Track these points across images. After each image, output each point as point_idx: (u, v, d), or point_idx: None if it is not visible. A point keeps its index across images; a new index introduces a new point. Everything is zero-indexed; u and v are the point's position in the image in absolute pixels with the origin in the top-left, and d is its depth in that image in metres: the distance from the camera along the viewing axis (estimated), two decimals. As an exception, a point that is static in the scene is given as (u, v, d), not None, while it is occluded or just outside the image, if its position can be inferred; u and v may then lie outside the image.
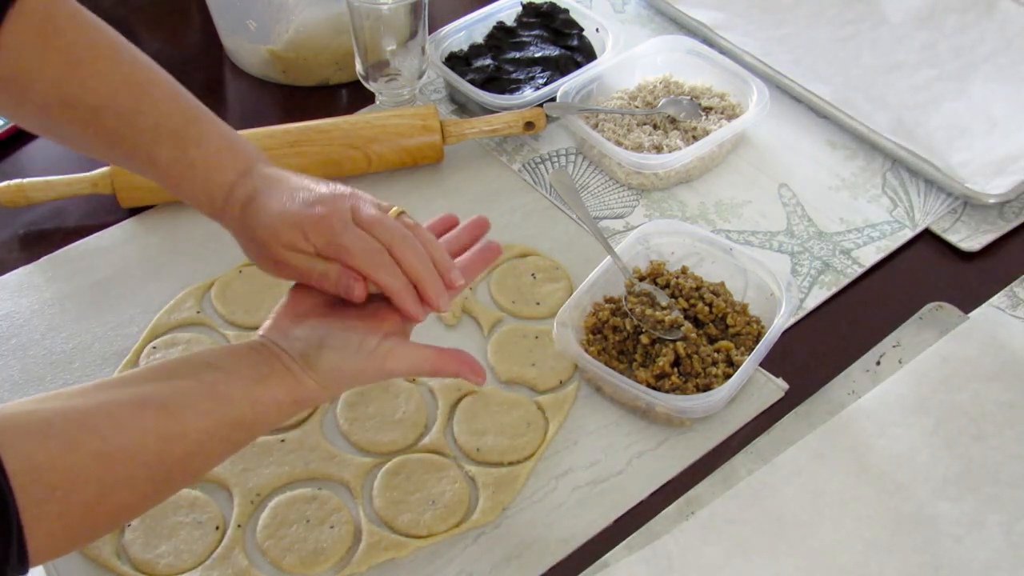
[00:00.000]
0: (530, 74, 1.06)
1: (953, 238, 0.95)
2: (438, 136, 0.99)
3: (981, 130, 1.03)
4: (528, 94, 1.03)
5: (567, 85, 1.02)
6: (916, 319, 0.88)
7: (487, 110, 1.02)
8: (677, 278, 0.86)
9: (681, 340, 0.81)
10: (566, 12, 1.12)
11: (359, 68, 1.03)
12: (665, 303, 0.84)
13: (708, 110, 1.04)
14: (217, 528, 0.74)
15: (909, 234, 0.96)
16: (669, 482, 0.77)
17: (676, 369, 0.80)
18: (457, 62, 1.08)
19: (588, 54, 1.09)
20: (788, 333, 0.85)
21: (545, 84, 1.04)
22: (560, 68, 1.06)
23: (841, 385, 0.83)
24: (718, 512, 0.75)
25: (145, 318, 0.88)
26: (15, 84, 0.67)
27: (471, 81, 1.04)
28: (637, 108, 1.04)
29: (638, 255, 0.89)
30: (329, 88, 1.11)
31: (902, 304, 0.89)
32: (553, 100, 1.01)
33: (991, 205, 0.97)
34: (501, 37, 1.11)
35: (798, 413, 0.82)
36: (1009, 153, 1.00)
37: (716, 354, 0.82)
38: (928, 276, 0.93)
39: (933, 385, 0.83)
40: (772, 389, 0.83)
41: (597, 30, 1.10)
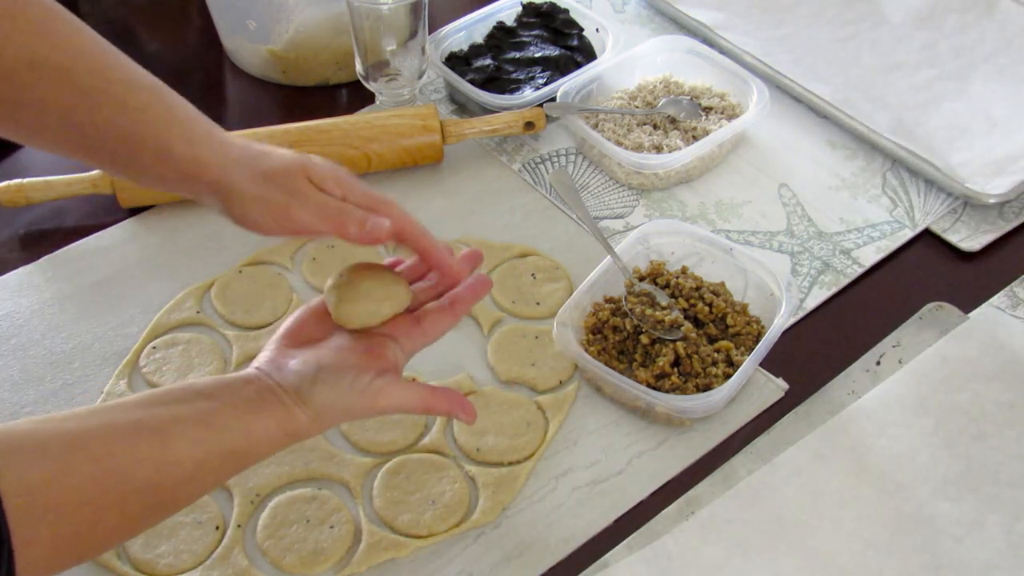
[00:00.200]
0: (530, 74, 1.06)
1: (953, 238, 0.95)
2: (438, 136, 0.99)
3: (981, 130, 1.03)
4: (528, 94, 1.03)
5: (567, 85, 1.02)
6: (916, 319, 0.88)
7: (487, 110, 1.02)
8: (677, 278, 0.86)
9: (681, 340, 0.81)
10: (566, 12, 1.12)
11: (359, 68, 1.03)
12: (665, 303, 0.84)
13: (708, 110, 1.04)
14: (217, 528, 0.74)
15: (909, 234, 0.96)
16: (669, 482, 0.77)
17: (676, 369, 0.80)
18: (457, 62, 1.08)
19: (588, 54, 1.09)
20: (788, 333, 0.85)
21: (545, 84, 1.04)
22: (560, 68, 1.06)
23: (841, 385, 0.83)
24: (718, 512, 0.75)
25: (145, 318, 0.88)
26: None
27: (471, 81, 1.04)
28: (637, 108, 1.04)
29: (638, 255, 0.89)
30: (329, 88, 1.11)
31: (902, 304, 0.89)
32: (553, 100, 1.01)
33: (991, 205, 0.97)
34: (501, 37, 1.11)
35: (798, 413, 0.82)
36: (1009, 153, 1.00)
37: (716, 354, 0.82)
38: (928, 276, 0.93)
39: (933, 385, 0.83)
40: (772, 389, 0.83)
41: (597, 30, 1.10)
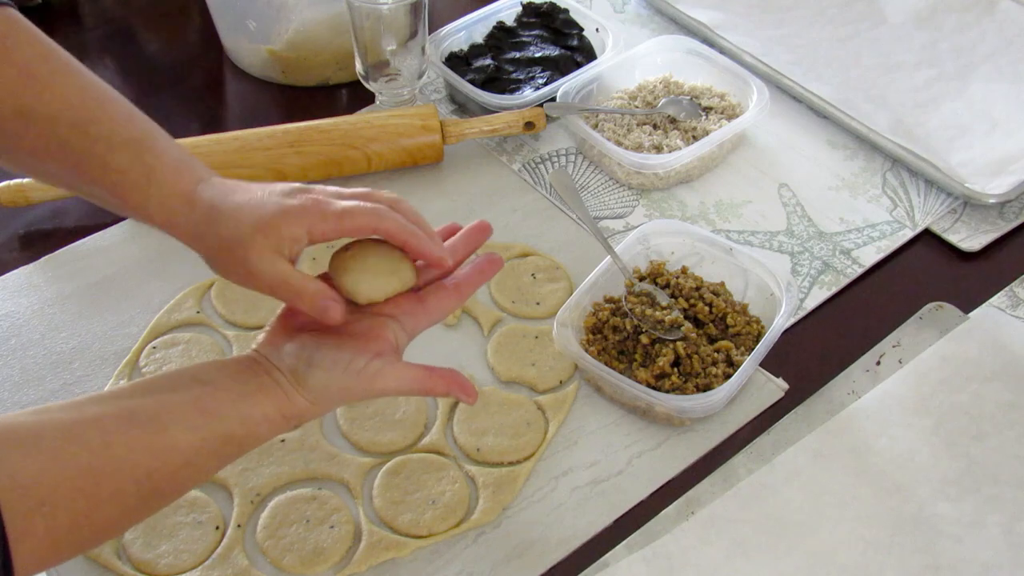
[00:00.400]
0: (530, 74, 1.06)
1: (953, 238, 0.95)
2: (438, 136, 0.99)
3: (981, 130, 1.03)
4: (528, 94, 1.03)
5: (567, 85, 1.02)
6: (916, 319, 0.88)
7: (487, 110, 1.02)
8: (677, 278, 0.86)
9: (681, 340, 0.81)
10: (566, 12, 1.12)
11: (359, 68, 1.03)
12: (665, 303, 0.84)
13: (708, 110, 1.04)
14: (217, 528, 0.74)
15: (909, 234, 0.96)
16: (669, 482, 0.77)
17: (676, 369, 0.80)
18: (457, 62, 1.08)
19: (588, 54, 1.09)
20: (788, 333, 0.85)
21: (545, 84, 1.04)
22: (560, 68, 1.06)
23: (841, 385, 0.83)
24: (718, 512, 0.75)
25: (145, 318, 0.88)
26: None
27: (471, 81, 1.04)
28: (637, 108, 1.04)
29: (638, 255, 0.89)
30: (329, 88, 1.11)
31: (902, 304, 0.89)
32: (553, 100, 1.01)
33: (991, 205, 0.97)
34: (501, 37, 1.11)
35: (798, 413, 0.82)
36: (1009, 153, 1.00)
37: (716, 354, 0.82)
38: (928, 276, 0.93)
39: (933, 385, 0.83)
40: (772, 389, 0.83)
41: (597, 30, 1.10)
